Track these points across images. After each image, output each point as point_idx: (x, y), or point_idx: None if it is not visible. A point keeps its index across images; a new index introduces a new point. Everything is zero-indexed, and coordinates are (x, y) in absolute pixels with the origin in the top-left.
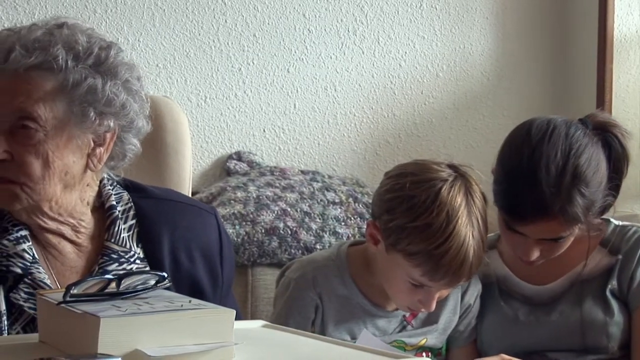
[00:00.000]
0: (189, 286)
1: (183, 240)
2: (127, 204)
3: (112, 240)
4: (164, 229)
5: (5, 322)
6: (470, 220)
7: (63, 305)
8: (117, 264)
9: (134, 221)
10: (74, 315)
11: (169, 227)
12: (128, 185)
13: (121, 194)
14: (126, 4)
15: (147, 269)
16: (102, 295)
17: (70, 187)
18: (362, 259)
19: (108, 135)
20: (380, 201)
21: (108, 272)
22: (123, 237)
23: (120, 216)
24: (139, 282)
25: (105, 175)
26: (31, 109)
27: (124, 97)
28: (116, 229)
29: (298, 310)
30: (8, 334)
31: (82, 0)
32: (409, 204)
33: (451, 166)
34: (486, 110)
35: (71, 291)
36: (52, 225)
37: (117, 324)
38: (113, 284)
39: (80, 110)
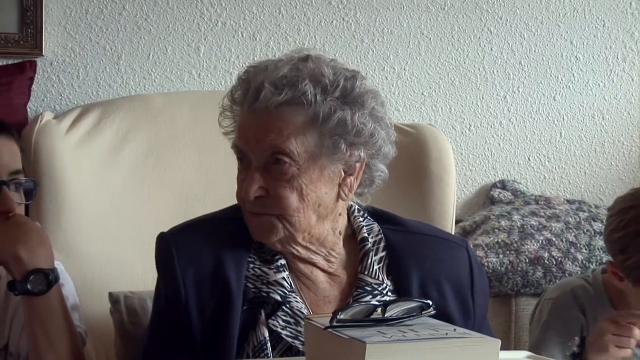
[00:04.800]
0: (439, 320)
1: (432, 274)
2: (377, 235)
3: (366, 273)
4: (413, 262)
5: (270, 349)
6: None
7: (330, 330)
8: (370, 296)
9: (384, 253)
10: (340, 340)
11: (417, 260)
12: (379, 215)
13: (372, 226)
14: (392, 33)
15: None
16: (367, 321)
17: (323, 217)
18: (617, 285)
19: (357, 164)
20: (610, 242)
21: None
22: (375, 269)
23: (371, 247)
24: (404, 309)
25: (354, 204)
26: (283, 145)
27: (371, 126)
28: (369, 261)
29: (557, 332)
30: None
31: (349, 29)
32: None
33: None
34: None
35: (338, 316)
36: (304, 253)
37: (382, 350)
38: (378, 310)
39: (332, 142)
